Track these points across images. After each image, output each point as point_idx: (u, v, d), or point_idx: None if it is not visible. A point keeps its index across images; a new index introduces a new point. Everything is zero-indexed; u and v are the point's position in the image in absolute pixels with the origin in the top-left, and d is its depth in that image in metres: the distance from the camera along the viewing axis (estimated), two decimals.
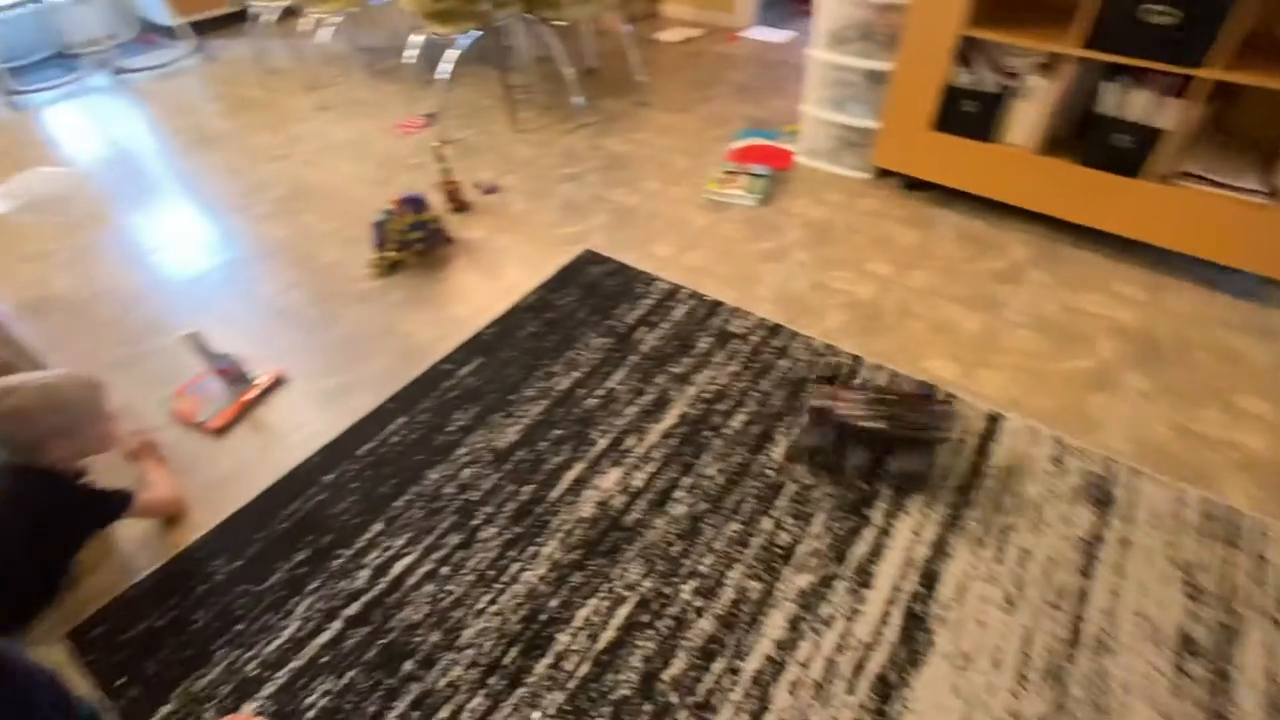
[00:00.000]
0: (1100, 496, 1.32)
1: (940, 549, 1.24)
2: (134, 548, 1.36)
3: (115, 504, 1.28)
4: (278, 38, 3.76)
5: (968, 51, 1.90)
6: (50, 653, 1.20)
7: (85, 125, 3.17)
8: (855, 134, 2.27)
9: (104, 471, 1.36)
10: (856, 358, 1.63)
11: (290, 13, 3.39)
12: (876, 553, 1.24)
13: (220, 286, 2.06)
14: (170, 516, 1.40)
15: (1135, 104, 1.69)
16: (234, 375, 1.65)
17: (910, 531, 1.27)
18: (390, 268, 2.05)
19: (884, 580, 1.20)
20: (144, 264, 2.18)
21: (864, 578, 1.21)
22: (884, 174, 2.28)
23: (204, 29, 4.11)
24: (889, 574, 1.21)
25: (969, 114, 1.92)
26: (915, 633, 1.13)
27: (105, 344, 1.86)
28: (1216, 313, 1.71)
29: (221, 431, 1.59)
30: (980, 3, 1.82)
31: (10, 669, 0.72)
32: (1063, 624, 1.13)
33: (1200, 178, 1.69)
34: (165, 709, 1.11)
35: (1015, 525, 1.28)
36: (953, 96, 1.92)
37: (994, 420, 1.47)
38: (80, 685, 1.15)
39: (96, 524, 1.30)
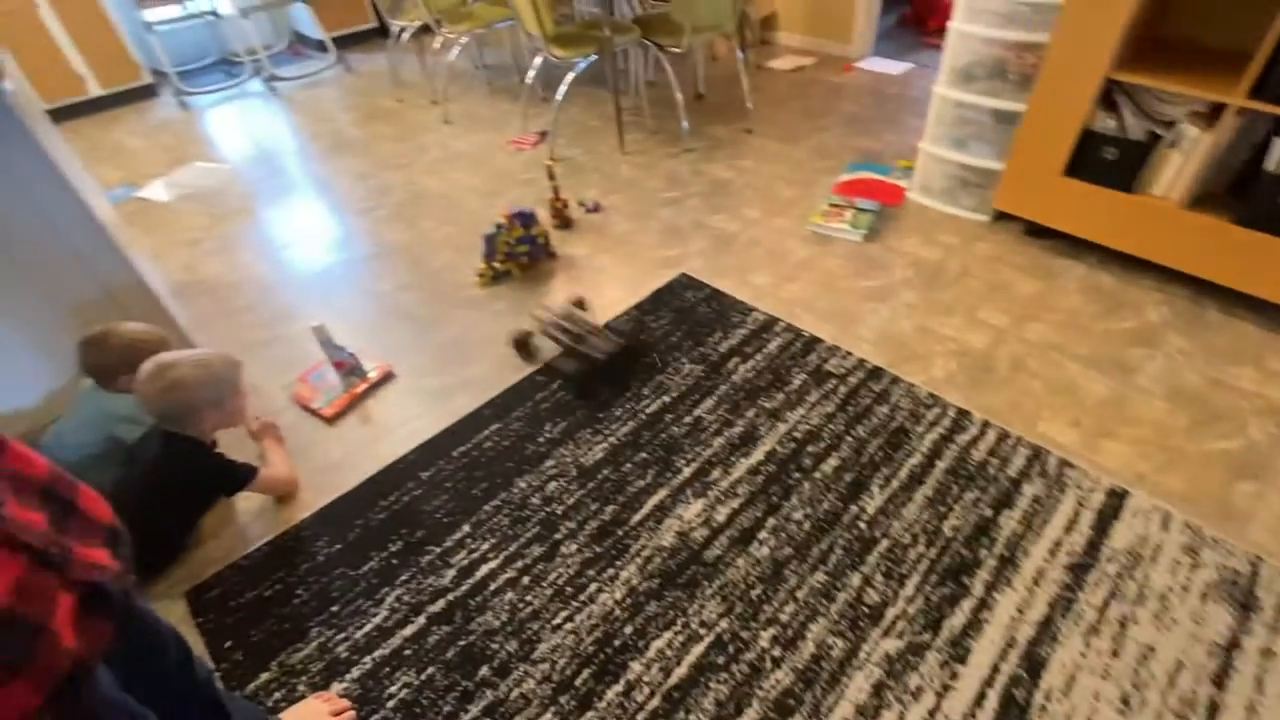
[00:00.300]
0: (1241, 598, 1.17)
1: (1048, 631, 1.15)
2: (250, 519, 1.48)
3: (244, 474, 1.41)
4: (411, 53, 4.05)
5: (1112, 95, 1.77)
6: (171, 608, 1.31)
7: (239, 126, 3.53)
8: (975, 174, 2.17)
9: (229, 446, 1.48)
10: (963, 411, 1.54)
11: (425, 30, 3.64)
12: (975, 626, 1.16)
13: (342, 282, 2.22)
14: (284, 495, 1.51)
15: None
16: (349, 368, 1.77)
17: (1014, 608, 1.18)
18: (496, 278, 2.14)
19: (981, 657, 1.12)
20: (279, 256, 2.39)
21: (959, 651, 1.13)
22: (1002, 217, 2.16)
23: (346, 43, 4.48)
24: (988, 651, 1.13)
25: (1108, 161, 1.79)
26: None
27: (242, 327, 2.04)
28: None
29: (334, 419, 1.70)
30: (1132, 45, 1.70)
31: (139, 611, 0.80)
32: None
33: None
34: (264, 676, 1.19)
35: (1136, 617, 1.16)
36: (1091, 141, 1.80)
37: (1117, 496, 1.34)
38: (194, 644, 1.25)
39: (226, 491, 1.43)
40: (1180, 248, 1.77)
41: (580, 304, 1.93)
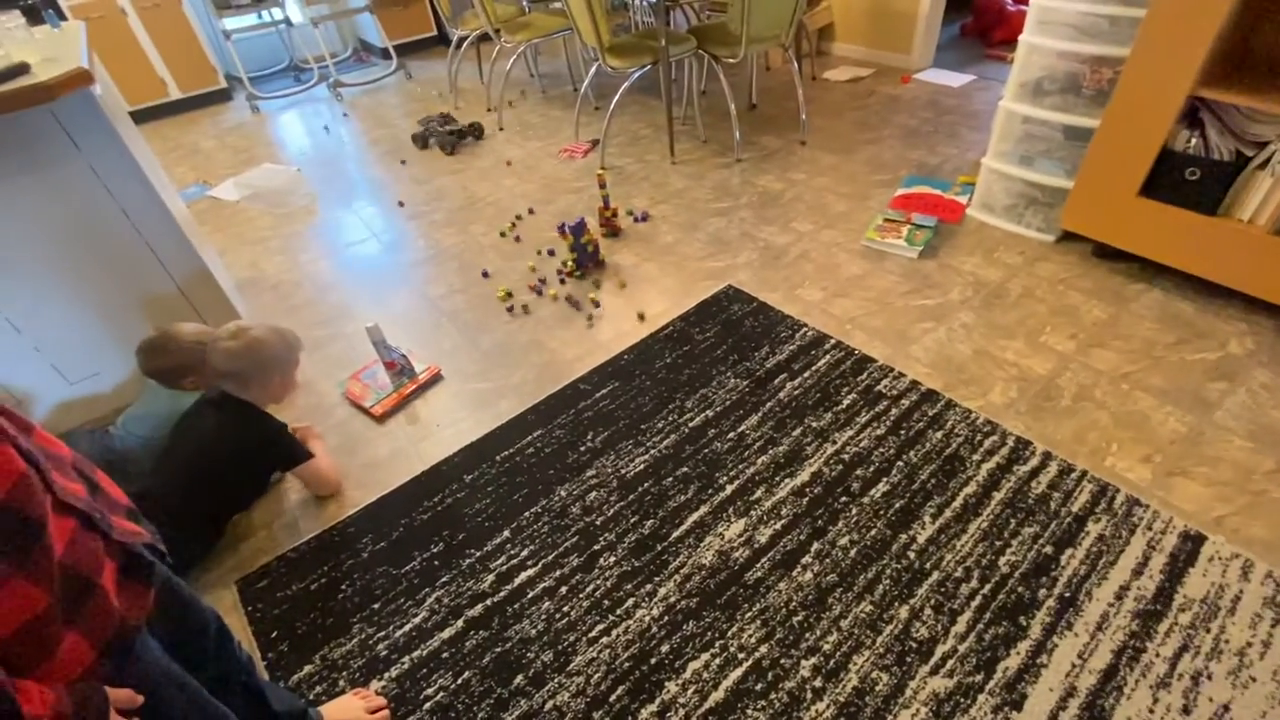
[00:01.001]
0: None
1: (1112, 682, 1.08)
2: (300, 513, 1.52)
3: (302, 450, 1.48)
4: (468, 61, 4.15)
5: (1196, 113, 1.67)
6: (222, 596, 1.36)
7: (305, 130, 3.67)
8: (1042, 192, 2.08)
9: None
10: (1023, 440, 1.47)
11: (484, 39, 3.73)
12: (1032, 670, 1.10)
13: (396, 283, 2.27)
14: (327, 493, 1.54)
15: None
16: (399, 368, 1.81)
17: (1075, 654, 1.11)
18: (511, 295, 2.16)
19: (1038, 705, 1.06)
20: (338, 256, 2.47)
21: (1014, 697, 1.07)
22: (1070, 238, 2.07)
23: (407, 50, 4.63)
24: (1045, 699, 1.06)
25: (1190, 182, 1.69)
26: None
27: (301, 324, 2.11)
28: None
29: (382, 418, 1.74)
30: (1219, 60, 1.60)
31: (180, 591, 0.82)
32: None
33: None
34: (308, 668, 1.22)
35: (1211, 674, 1.08)
36: (1171, 161, 1.70)
37: (1193, 540, 1.26)
38: (242, 632, 1.29)
39: (283, 462, 1.49)
40: (1267, 276, 1.65)
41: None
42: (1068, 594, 1.19)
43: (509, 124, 3.41)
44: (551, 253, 2.32)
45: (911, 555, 1.28)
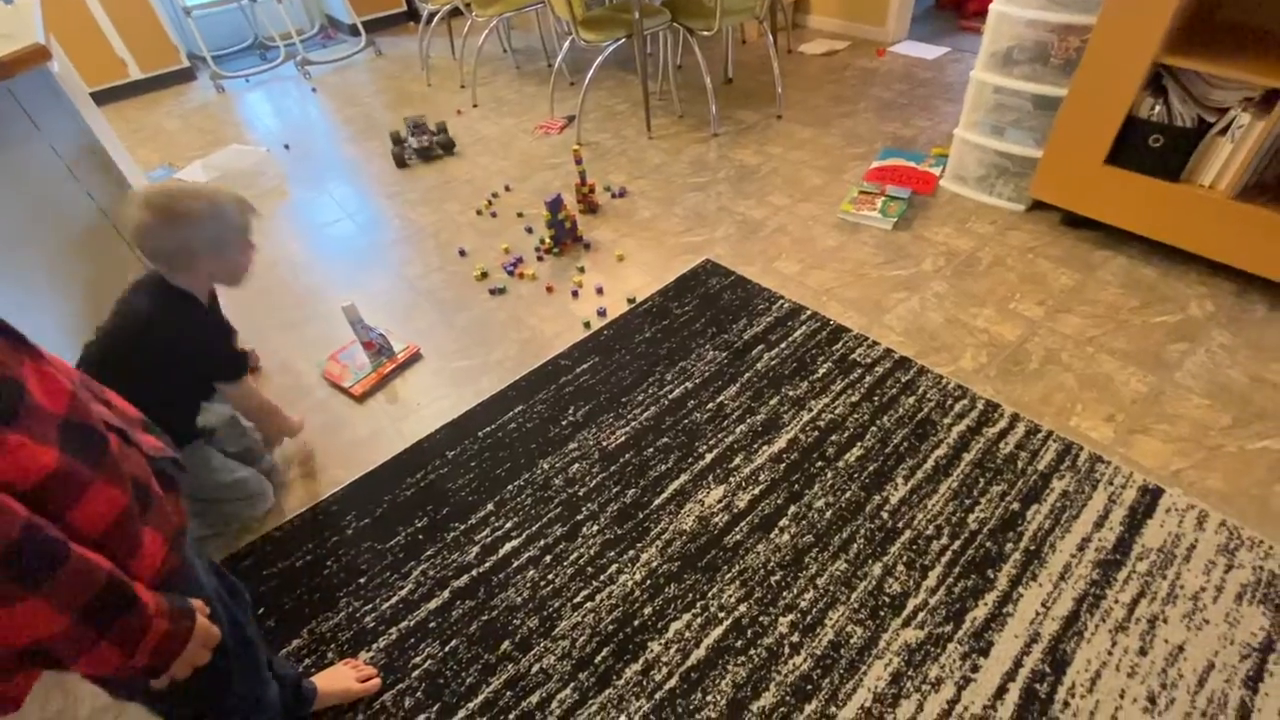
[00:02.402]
0: (1279, 601, 1.14)
1: (1074, 628, 1.13)
2: (283, 493, 1.52)
3: (241, 359, 1.28)
4: (439, 37, 4.06)
5: (1160, 80, 1.71)
6: None
7: (273, 110, 3.58)
8: (1012, 162, 2.11)
9: None
10: (992, 404, 1.52)
11: (454, 14, 3.65)
12: (998, 620, 1.15)
13: (372, 263, 2.25)
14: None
15: None
16: (378, 347, 1.80)
17: (1039, 603, 1.16)
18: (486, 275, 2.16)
19: (1004, 651, 1.11)
20: (312, 237, 2.43)
21: (981, 644, 1.12)
22: (1039, 207, 2.10)
23: (376, 27, 4.51)
24: (1011, 645, 1.12)
25: (1154, 149, 1.73)
26: (1036, 715, 1.03)
27: (276, 307, 2.09)
28: None
29: (362, 398, 1.74)
30: (1182, 28, 1.63)
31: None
32: None
33: None
34: (296, 642, 1.23)
35: (1167, 616, 1.14)
36: (1136, 129, 1.74)
37: (1151, 494, 1.31)
38: None
39: (222, 368, 1.28)
40: (1227, 240, 1.70)
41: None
42: (1033, 547, 1.25)
43: (483, 100, 3.36)
44: (529, 230, 2.31)
45: (885, 515, 1.32)
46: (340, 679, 1.12)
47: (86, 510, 0.56)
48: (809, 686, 1.09)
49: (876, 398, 1.57)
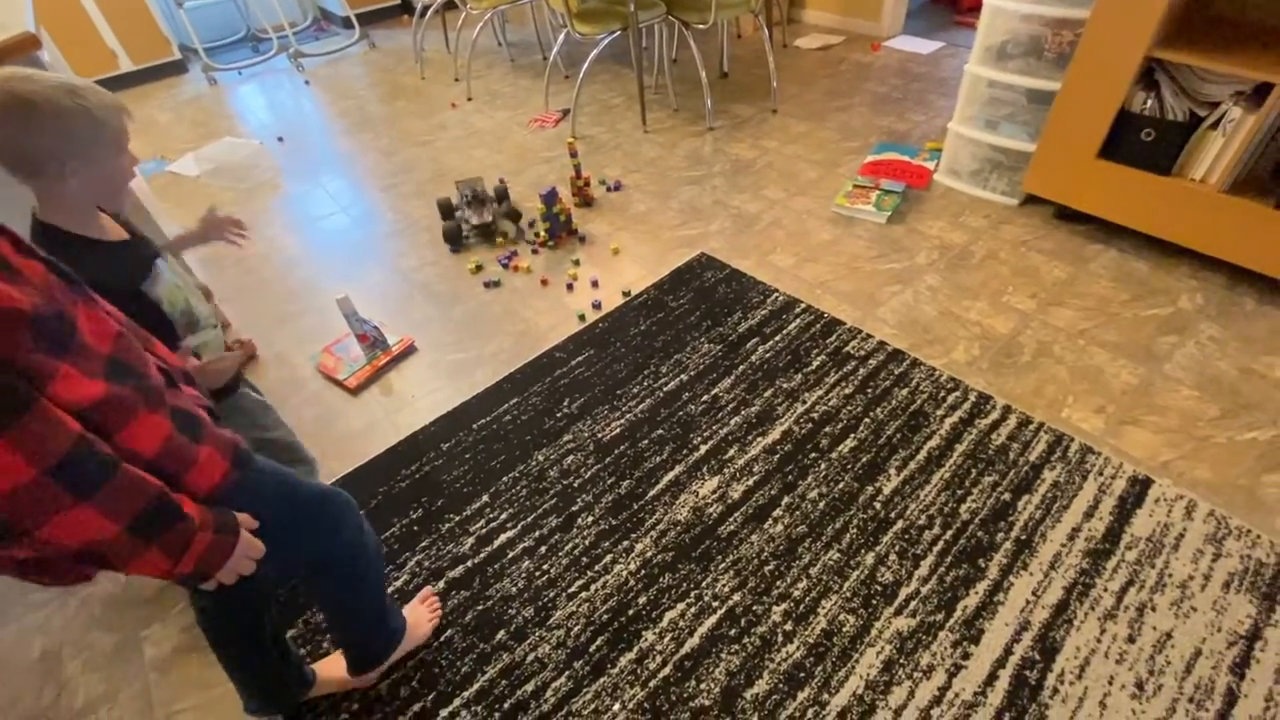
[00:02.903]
0: (1265, 589, 1.15)
1: (1063, 616, 1.14)
2: None
3: (143, 263, 0.96)
4: (433, 30, 4.04)
5: (1152, 74, 1.72)
6: None
7: (266, 102, 3.56)
8: (1006, 156, 2.12)
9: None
10: (984, 396, 1.53)
11: (449, 6, 3.63)
12: (989, 608, 1.16)
13: (366, 256, 2.24)
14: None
15: None
16: (372, 340, 1.80)
17: (1030, 592, 1.18)
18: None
19: (995, 638, 1.12)
20: (306, 230, 2.42)
21: (972, 632, 1.13)
22: (1032, 201, 2.11)
23: (370, 19, 4.49)
24: (1001, 633, 1.13)
25: (1145, 143, 1.74)
26: (1025, 701, 1.05)
27: (270, 300, 2.08)
28: None
29: (357, 390, 1.73)
30: (1174, 22, 1.64)
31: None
32: None
33: None
34: (291, 631, 1.23)
35: (1155, 605, 1.15)
36: (1128, 122, 1.75)
37: (1140, 484, 1.32)
38: None
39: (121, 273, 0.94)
40: (1218, 233, 1.71)
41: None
42: (1023, 537, 1.26)
43: (477, 94, 3.35)
44: (531, 224, 2.31)
45: (877, 506, 1.33)
46: (334, 667, 1.13)
47: (135, 433, 0.62)
48: (802, 674, 1.10)
49: (870, 390, 1.58)
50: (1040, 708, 1.04)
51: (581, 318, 1.88)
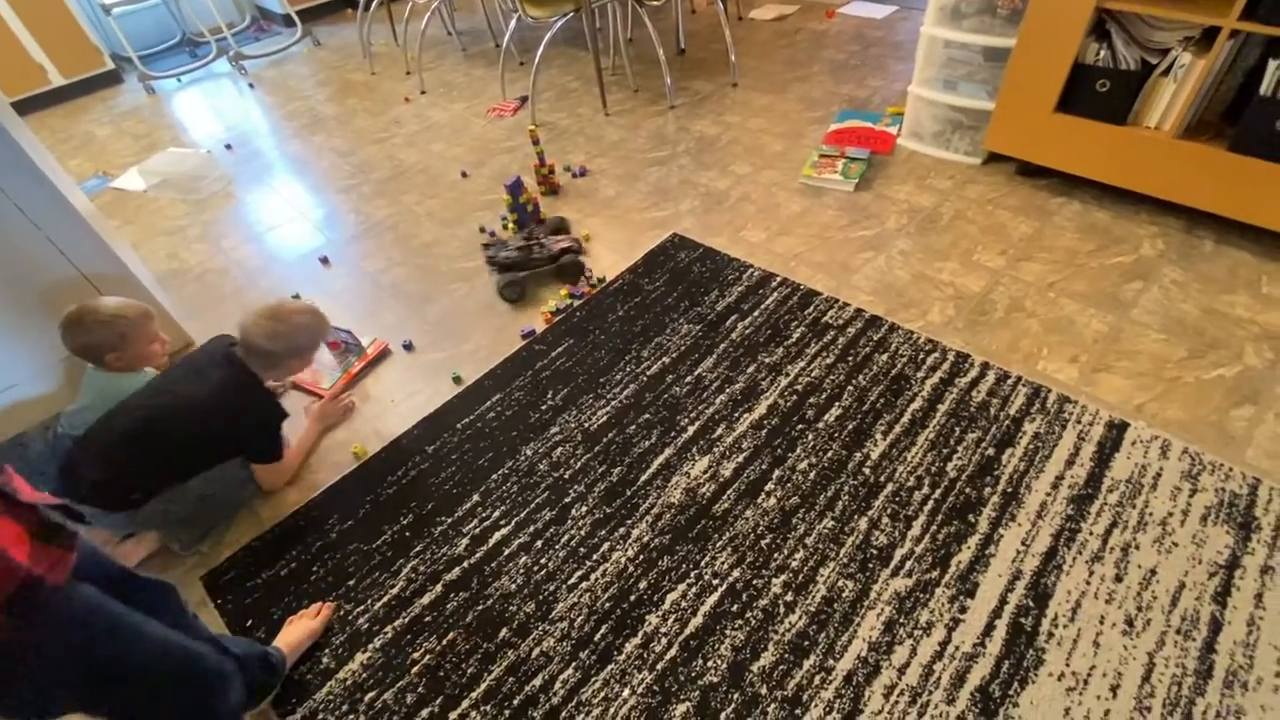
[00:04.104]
0: (1240, 519, 1.20)
1: (1053, 562, 1.17)
2: (260, 502, 1.48)
3: (279, 445, 1.45)
4: (380, 23, 3.92)
5: (1103, 25, 1.73)
6: (189, 593, 1.32)
7: (210, 109, 3.43)
8: (966, 116, 2.13)
9: None
10: (962, 354, 1.55)
11: None
12: (982, 561, 1.19)
13: (331, 262, 2.18)
14: (271, 490, 1.49)
15: None
16: (345, 347, 1.75)
17: (1019, 542, 1.20)
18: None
19: (989, 590, 1.15)
20: (264, 239, 2.35)
21: (967, 586, 1.16)
22: (995, 159, 2.14)
23: (312, 16, 4.33)
24: (995, 584, 1.15)
25: (1100, 94, 1.76)
26: (1023, 648, 1.08)
27: (232, 314, 1.98)
28: None
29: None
30: None
31: (136, 576, 0.90)
32: (1192, 654, 1.05)
33: None
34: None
35: (1139, 543, 1.19)
36: (1083, 75, 1.77)
37: (1117, 428, 1.36)
38: (215, 624, 1.27)
39: (259, 455, 1.43)
40: (1174, 178, 1.75)
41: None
42: (1009, 489, 1.28)
43: (431, 86, 3.26)
44: (503, 220, 2.27)
45: (866, 471, 1.35)
46: (296, 629, 1.17)
47: None
48: (806, 643, 1.12)
49: (851, 358, 1.59)
50: (1037, 652, 1.07)
51: (557, 310, 1.86)
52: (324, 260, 2.18)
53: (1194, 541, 1.18)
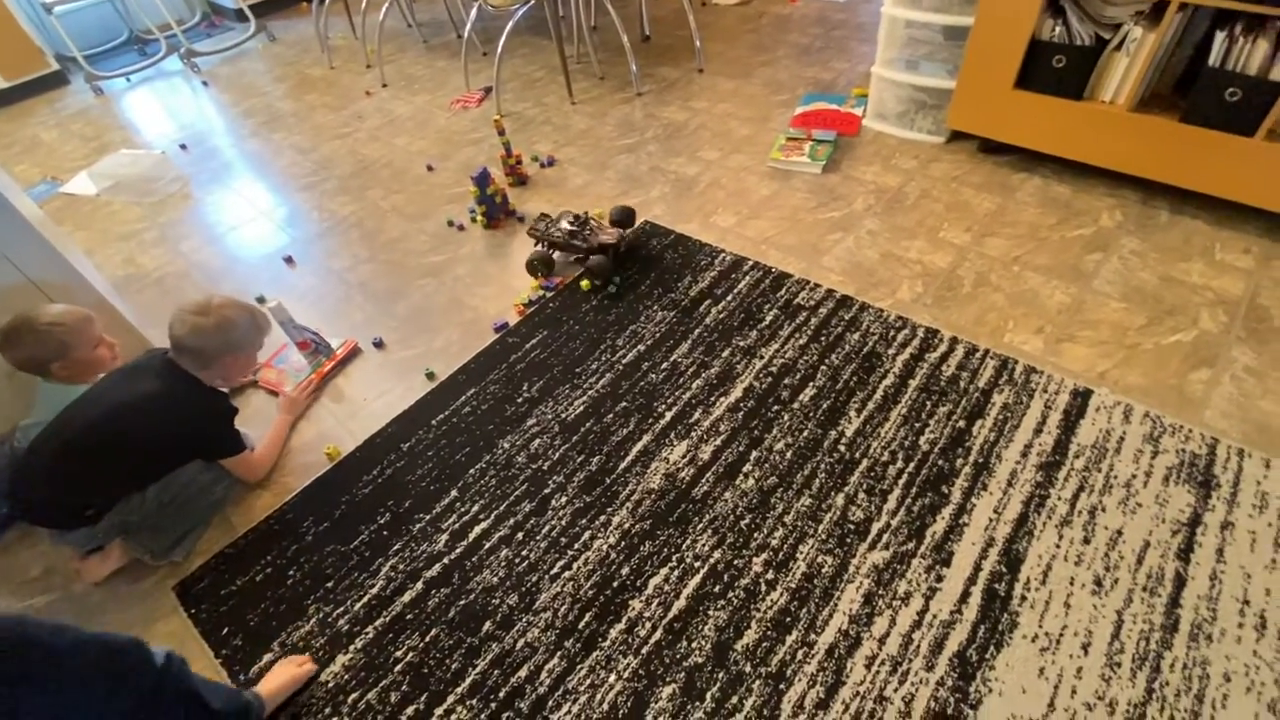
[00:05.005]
0: (1201, 478, 1.24)
1: (1024, 528, 1.20)
2: (231, 509, 1.45)
3: (237, 443, 1.41)
4: (337, 16, 3.82)
5: (1058, 1, 1.76)
6: (160, 603, 1.29)
7: (162, 108, 3.32)
8: (929, 95, 2.16)
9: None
10: (931, 330, 1.57)
11: None
12: (956, 531, 1.21)
13: (296, 261, 2.13)
14: (255, 481, 1.48)
15: (1250, 55, 1.54)
16: (314, 347, 1.72)
17: (991, 510, 1.23)
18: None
19: (964, 559, 1.17)
20: (224, 240, 2.28)
21: (943, 556, 1.18)
22: (958, 137, 2.17)
23: (266, 10, 4.21)
24: (969, 553, 1.18)
25: (1057, 70, 1.79)
26: (998, 612, 1.10)
27: None
28: None
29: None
30: None
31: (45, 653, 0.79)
32: (1159, 609, 1.08)
33: None
34: (267, 657, 1.19)
35: (1105, 506, 1.22)
36: (1039, 51, 1.80)
37: (1082, 396, 1.39)
38: (188, 633, 1.24)
39: (211, 448, 1.39)
40: (1129, 151, 1.79)
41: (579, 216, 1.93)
42: (981, 460, 1.31)
43: (392, 79, 3.20)
44: (471, 213, 2.23)
45: (842, 448, 1.37)
46: (280, 674, 1.13)
47: None
48: (788, 619, 1.13)
49: (823, 338, 1.60)
50: (1011, 616, 1.10)
51: (529, 302, 1.84)
52: (288, 260, 2.13)
53: (1157, 501, 1.22)
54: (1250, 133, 1.58)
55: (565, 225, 1.90)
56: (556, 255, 1.95)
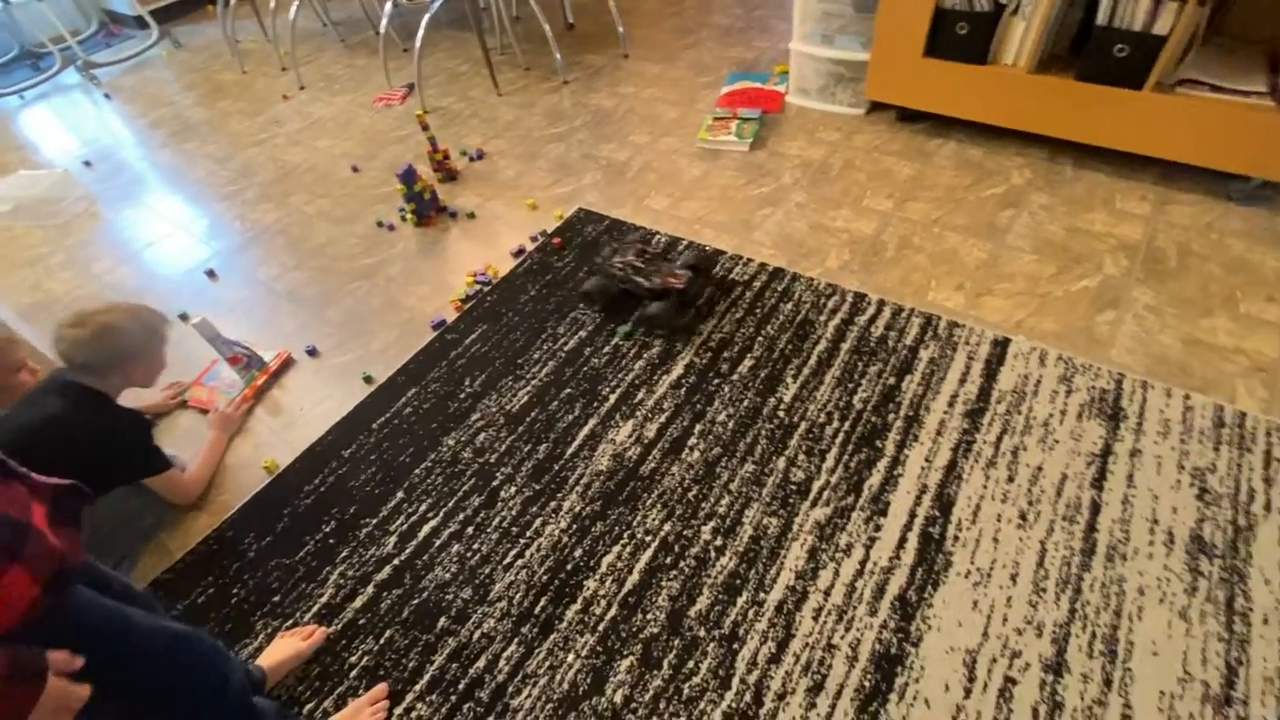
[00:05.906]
0: (1110, 411, 1.32)
1: (953, 473, 1.26)
2: (165, 533, 1.39)
3: (160, 461, 1.34)
4: (245, 18, 3.66)
5: None
6: None
7: (61, 124, 3.12)
8: (846, 69, 2.21)
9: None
10: (860, 295, 1.63)
11: None
12: (891, 482, 1.26)
13: (219, 274, 2.05)
14: (181, 503, 1.42)
15: (1134, 12, 1.63)
16: (245, 361, 1.66)
17: (923, 459, 1.29)
18: None
19: (899, 507, 1.23)
20: (140, 258, 2.18)
21: (880, 506, 1.23)
22: (877, 108, 2.23)
23: (167, 16, 4.00)
24: (904, 501, 1.23)
25: (961, 36, 1.87)
26: (933, 554, 1.16)
27: None
28: (1224, 222, 1.69)
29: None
30: None
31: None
32: (1077, 536, 1.16)
33: (1202, 84, 1.65)
34: None
35: (1026, 445, 1.29)
36: (944, 19, 1.87)
37: (1001, 345, 1.47)
38: None
39: (132, 469, 1.32)
40: (1033, 111, 1.88)
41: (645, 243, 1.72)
42: (911, 413, 1.37)
43: (310, 81, 3.09)
44: (401, 212, 2.19)
45: (781, 414, 1.40)
46: (283, 648, 1.12)
47: None
48: (738, 581, 1.16)
49: (758, 310, 1.64)
50: (946, 556, 1.15)
51: (466, 298, 1.82)
52: (210, 274, 2.04)
53: (1072, 437, 1.29)
54: (1139, 86, 1.68)
55: (631, 258, 1.64)
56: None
